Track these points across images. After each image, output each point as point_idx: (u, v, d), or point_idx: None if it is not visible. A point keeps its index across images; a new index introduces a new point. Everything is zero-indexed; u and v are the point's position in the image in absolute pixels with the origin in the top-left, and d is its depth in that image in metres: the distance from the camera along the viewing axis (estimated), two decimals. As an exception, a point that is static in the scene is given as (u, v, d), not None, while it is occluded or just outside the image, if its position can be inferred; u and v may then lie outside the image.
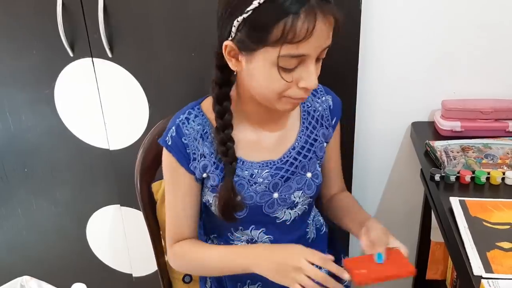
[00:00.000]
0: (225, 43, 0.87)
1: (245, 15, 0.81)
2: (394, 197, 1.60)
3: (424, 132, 1.41)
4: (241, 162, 0.99)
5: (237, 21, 0.82)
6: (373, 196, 1.62)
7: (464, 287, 0.96)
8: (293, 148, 1.02)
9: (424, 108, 1.45)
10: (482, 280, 0.85)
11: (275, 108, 0.91)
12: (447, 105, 1.36)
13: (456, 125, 1.35)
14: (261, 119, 0.99)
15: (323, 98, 1.07)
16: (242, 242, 1.06)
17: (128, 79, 1.44)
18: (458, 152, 1.22)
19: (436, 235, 1.45)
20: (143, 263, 1.75)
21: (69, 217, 1.69)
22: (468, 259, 0.92)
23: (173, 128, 0.98)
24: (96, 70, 1.44)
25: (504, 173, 1.14)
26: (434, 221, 1.44)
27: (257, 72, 0.86)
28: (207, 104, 0.99)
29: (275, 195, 1.01)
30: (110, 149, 1.56)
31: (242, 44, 0.85)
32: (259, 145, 1.00)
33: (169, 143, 0.97)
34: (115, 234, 1.71)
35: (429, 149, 1.29)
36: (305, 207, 1.06)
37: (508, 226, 0.99)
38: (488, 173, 1.14)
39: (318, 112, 1.06)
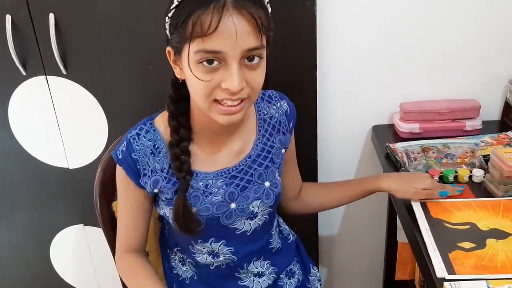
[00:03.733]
0: (167, 48, 0.89)
1: (169, 14, 0.83)
2: (359, 200, 1.61)
3: (385, 135, 1.42)
4: (195, 174, 0.98)
5: (166, 22, 0.85)
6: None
7: (429, 289, 0.96)
8: (249, 157, 1.02)
9: (383, 111, 1.46)
10: (445, 283, 0.85)
11: (212, 118, 0.89)
12: (405, 107, 1.38)
13: (415, 127, 1.37)
14: (217, 131, 0.98)
15: (278, 104, 1.07)
16: (204, 255, 1.05)
17: (85, 96, 1.41)
18: (418, 153, 1.24)
19: (402, 236, 1.46)
20: (110, 283, 1.71)
21: (31, 240, 1.64)
22: (431, 261, 0.93)
23: (125, 143, 0.97)
24: (50, 88, 1.41)
25: (471, 171, 1.16)
26: (399, 222, 1.45)
27: (186, 74, 0.86)
28: (161, 119, 0.99)
29: (233, 205, 1.00)
30: (70, 168, 1.52)
31: (174, 47, 0.86)
32: (216, 156, 1.00)
33: (120, 157, 0.97)
34: (80, 255, 1.67)
35: (389, 152, 1.30)
36: (265, 217, 1.06)
37: (468, 226, 1.01)
38: (456, 172, 1.16)
39: (275, 119, 1.06)
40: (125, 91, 1.41)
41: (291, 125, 1.09)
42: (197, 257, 1.06)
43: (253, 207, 1.02)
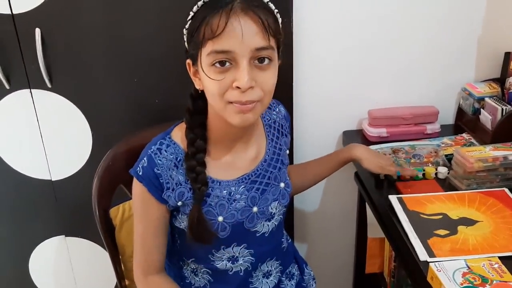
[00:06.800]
0: (187, 61, 0.95)
1: (186, 25, 0.92)
2: (331, 199, 1.73)
3: (354, 139, 1.55)
4: (218, 183, 1.03)
5: (184, 34, 0.93)
6: (312, 199, 1.74)
7: (412, 274, 1.08)
8: (265, 161, 1.09)
9: (353, 118, 1.60)
10: (430, 264, 0.98)
11: (229, 121, 0.93)
12: (373, 114, 1.52)
13: (382, 131, 1.51)
14: (235, 138, 1.04)
15: (277, 109, 1.17)
16: (223, 261, 1.08)
17: (69, 108, 1.44)
18: (390, 155, 1.37)
19: (372, 232, 1.59)
20: (91, 293, 1.73)
21: (11, 253, 1.64)
22: (414, 248, 1.05)
23: (145, 159, 0.99)
24: (35, 101, 1.43)
25: (436, 169, 1.30)
26: (369, 218, 1.58)
27: (203, 80, 0.92)
28: (177, 132, 1.03)
29: (254, 209, 1.06)
30: (52, 179, 1.53)
31: (191, 57, 0.93)
32: (234, 164, 1.05)
33: (140, 173, 0.99)
34: (60, 266, 1.68)
35: (362, 154, 1.43)
36: (280, 217, 1.13)
37: (441, 216, 1.14)
38: (423, 170, 1.30)
39: (277, 123, 1.15)
40: (110, 104, 1.45)
41: (288, 126, 1.18)
42: (217, 264, 1.09)
43: (271, 209, 1.08)
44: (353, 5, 1.46)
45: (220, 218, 1.02)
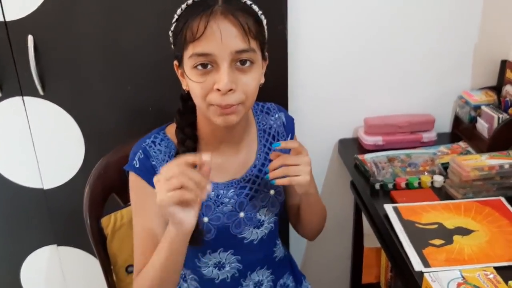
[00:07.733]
0: (174, 62, 0.97)
1: (172, 28, 0.95)
2: (327, 209, 1.70)
3: (350, 147, 1.54)
4: None
5: (170, 36, 0.95)
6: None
7: (407, 284, 1.07)
8: (254, 166, 1.07)
9: (349, 125, 1.59)
10: (425, 274, 0.96)
11: (214, 122, 0.94)
12: (369, 122, 1.51)
13: (378, 140, 1.49)
14: (223, 140, 1.03)
15: (276, 115, 1.14)
16: (209, 267, 1.07)
17: (62, 116, 1.43)
18: (385, 163, 1.36)
19: (368, 241, 1.58)
20: (83, 304, 1.70)
21: (1, 263, 1.61)
22: (408, 258, 1.03)
23: (140, 151, 1.00)
24: (27, 108, 1.41)
25: (432, 178, 1.29)
26: (366, 228, 1.57)
27: (187, 81, 0.93)
28: (171, 129, 1.04)
29: (241, 214, 1.05)
30: (44, 188, 1.52)
31: (178, 57, 0.95)
32: (224, 167, 1.05)
33: (137, 166, 0.99)
34: (52, 276, 1.65)
35: (358, 162, 1.42)
36: (271, 226, 1.10)
37: (436, 226, 1.13)
38: (419, 179, 1.29)
39: (273, 129, 1.12)
40: (103, 111, 1.44)
41: (289, 138, 1.14)
42: (203, 270, 1.08)
43: (260, 215, 1.07)
44: (349, 13, 1.45)
45: (206, 219, 1.02)
